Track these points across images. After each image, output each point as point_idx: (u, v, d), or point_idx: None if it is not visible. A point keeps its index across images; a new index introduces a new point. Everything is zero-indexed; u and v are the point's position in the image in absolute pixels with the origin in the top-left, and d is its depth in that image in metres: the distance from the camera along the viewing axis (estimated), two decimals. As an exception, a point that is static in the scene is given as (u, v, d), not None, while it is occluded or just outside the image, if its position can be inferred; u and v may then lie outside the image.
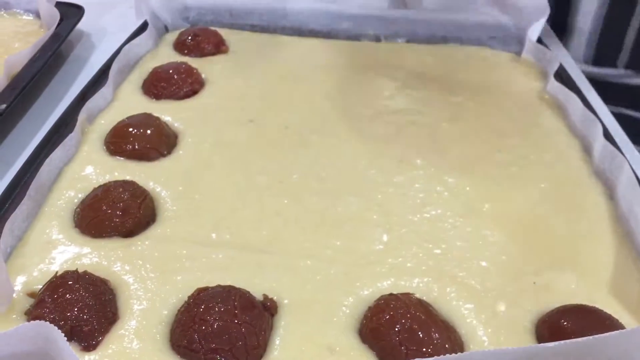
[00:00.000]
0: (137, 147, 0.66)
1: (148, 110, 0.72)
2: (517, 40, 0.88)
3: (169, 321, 0.49)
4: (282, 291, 0.52)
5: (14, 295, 0.50)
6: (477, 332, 0.49)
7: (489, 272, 0.55)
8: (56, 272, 0.52)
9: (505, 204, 0.62)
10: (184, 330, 0.47)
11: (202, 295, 0.50)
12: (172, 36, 0.90)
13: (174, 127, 0.71)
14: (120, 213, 0.57)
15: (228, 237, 0.58)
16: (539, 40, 0.85)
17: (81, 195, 0.61)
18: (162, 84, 0.77)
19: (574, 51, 0.93)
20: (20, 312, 0.50)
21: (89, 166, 0.65)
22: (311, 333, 0.49)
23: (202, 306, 0.48)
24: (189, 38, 0.87)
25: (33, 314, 0.48)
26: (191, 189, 0.63)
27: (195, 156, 0.67)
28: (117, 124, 0.69)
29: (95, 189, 0.61)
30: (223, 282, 0.51)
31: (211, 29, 0.90)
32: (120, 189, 0.59)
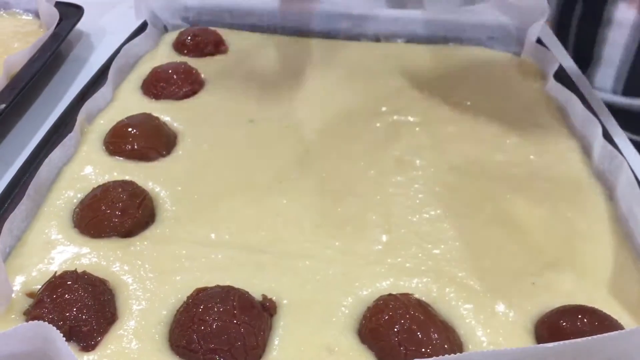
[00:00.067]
0: (136, 147, 0.66)
1: (147, 110, 0.72)
2: (517, 41, 0.88)
3: (168, 321, 0.49)
4: (281, 291, 0.52)
5: (13, 295, 0.50)
6: (476, 333, 0.49)
7: (488, 273, 0.54)
8: (55, 272, 0.52)
9: (505, 204, 0.62)
10: (183, 331, 0.47)
11: (201, 295, 0.50)
12: (172, 36, 0.90)
13: (173, 127, 0.71)
14: (119, 213, 0.57)
15: (227, 237, 0.58)
16: (539, 41, 0.85)
17: (80, 195, 0.61)
18: (162, 84, 0.77)
19: (600, 81, 0.92)
20: (19, 312, 0.49)
21: (88, 166, 0.65)
22: (310, 333, 0.49)
23: (201, 306, 0.48)
24: (189, 38, 0.87)
25: (32, 314, 0.48)
26: (190, 189, 0.63)
27: (194, 156, 0.67)
28: (117, 124, 0.69)
29: (94, 189, 0.60)
30: (222, 282, 0.51)
31: (211, 29, 0.90)
32: (120, 189, 0.59)
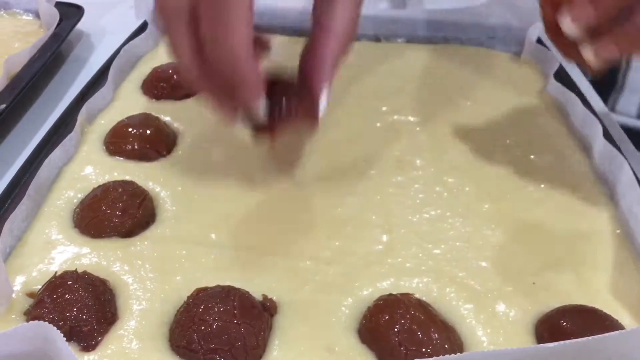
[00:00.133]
0: (136, 147, 0.66)
1: (148, 110, 0.72)
2: (517, 40, 0.88)
3: (168, 321, 0.49)
4: (281, 291, 0.52)
5: (13, 295, 0.50)
6: (477, 333, 0.49)
7: (488, 273, 0.55)
8: (55, 272, 0.52)
9: (505, 204, 0.62)
10: (183, 331, 0.47)
11: (201, 295, 0.49)
12: (172, 36, 0.90)
13: (173, 127, 0.71)
14: (119, 213, 0.57)
15: (227, 237, 0.58)
16: (539, 41, 0.85)
17: (80, 196, 0.61)
18: (162, 84, 0.77)
19: (623, 107, 0.91)
20: (19, 312, 0.49)
21: (89, 166, 0.65)
22: (310, 333, 0.49)
23: (201, 306, 0.48)
24: (189, 38, 0.87)
25: (32, 314, 0.48)
26: (191, 189, 0.63)
27: (194, 156, 0.67)
28: (117, 124, 0.69)
29: (94, 189, 0.60)
30: (222, 283, 0.51)
31: (211, 29, 0.90)
32: (120, 189, 0.59)
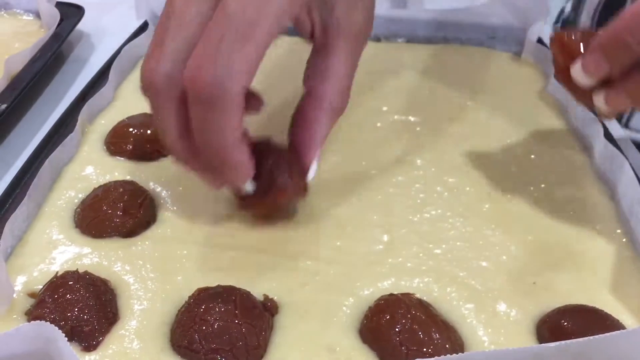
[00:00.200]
0: (137, 147, 0.66)
1: (148, 111, 0.72)
2: (517, 40, 0.88)
3: (169, 321, 0.49)
4: (282, 291, 0.52)
5: (14, 295, 0.50)
6: (478, 332, 0.49)
7: (489, 272, 0.55)
8: (56, 272, 0.52)
9: (505, 204, 0.62)
10: (185, 331, 0.47)
11: (202, 295, 0.50)
12: (172, 36, 0.90)
13: (174, 127, 0.71)
14: (120, 213, 0.57)
15: (228, 237, 0.57)
16: (539, 41, 0.85)
17: (81, 196, 0.61)
18: (163, 84, 0.77)
19: (637, 123, 0.90)
20: (20, 313, 0.49)
21: (89, 166, 0.65)
22: (311, 333, 0.49)
23: (202, 306, 0.48)
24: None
25: (33, 314, 0.48)
26: (191, 189, 0.63)
27: (195, 156, 0.67)
28: (117, 124, 0.69)
29: (95, 189, 0.60)
30: (223, 283, 0.51)
31: (211, 29, 0.90)
32: (121, 189, 0.59)
